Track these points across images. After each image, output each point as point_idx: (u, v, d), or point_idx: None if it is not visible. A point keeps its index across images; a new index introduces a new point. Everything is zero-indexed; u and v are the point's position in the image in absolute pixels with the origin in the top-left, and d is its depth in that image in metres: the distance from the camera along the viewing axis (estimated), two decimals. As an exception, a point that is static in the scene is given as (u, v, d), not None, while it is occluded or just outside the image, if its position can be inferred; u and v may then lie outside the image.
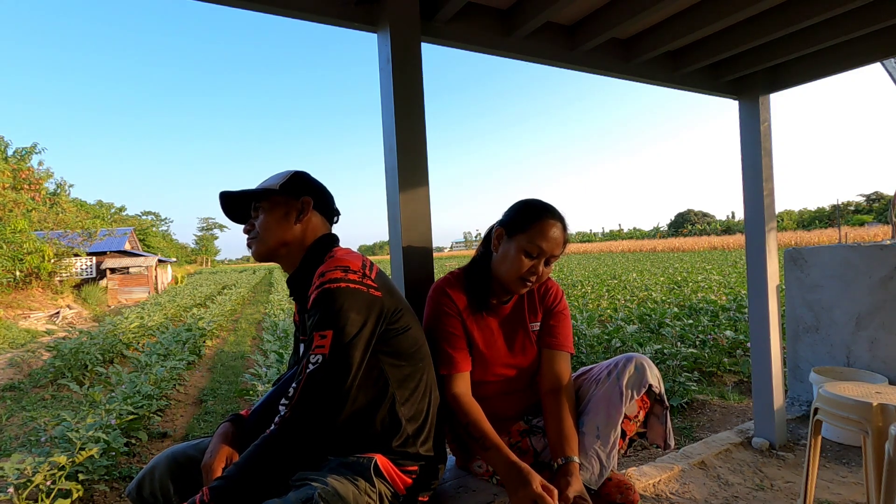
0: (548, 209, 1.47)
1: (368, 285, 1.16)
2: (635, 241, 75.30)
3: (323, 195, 1.34)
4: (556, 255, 1.45)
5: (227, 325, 10.86)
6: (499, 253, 1.48)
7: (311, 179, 1.33)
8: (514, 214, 1.49)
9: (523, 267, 1.42)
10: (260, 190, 1.28)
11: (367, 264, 1.21)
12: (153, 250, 45.10)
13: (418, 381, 1.24)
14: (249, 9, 1.63)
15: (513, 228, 1.46)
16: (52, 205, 20.53)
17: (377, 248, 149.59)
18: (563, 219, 1.48)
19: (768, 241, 2.64)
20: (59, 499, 2.40)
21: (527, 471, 1.21)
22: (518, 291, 1.47)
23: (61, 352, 6.78)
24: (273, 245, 1.28)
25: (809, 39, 2.21)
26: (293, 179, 1.29)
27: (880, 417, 1.61)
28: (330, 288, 1.11)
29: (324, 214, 1.34)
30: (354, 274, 1.15)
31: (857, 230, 36.96)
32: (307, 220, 1.28)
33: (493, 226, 1.55)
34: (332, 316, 1.09)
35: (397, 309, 1.20)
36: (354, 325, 1.11)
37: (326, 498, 1.02)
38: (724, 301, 8.61)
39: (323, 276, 1.13)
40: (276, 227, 1.27)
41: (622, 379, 1.43)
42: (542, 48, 2.09)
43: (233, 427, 1.30)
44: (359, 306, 1.12)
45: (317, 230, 1.31)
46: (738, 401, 3.75)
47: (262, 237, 1.28)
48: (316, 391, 1.08)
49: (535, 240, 1.42)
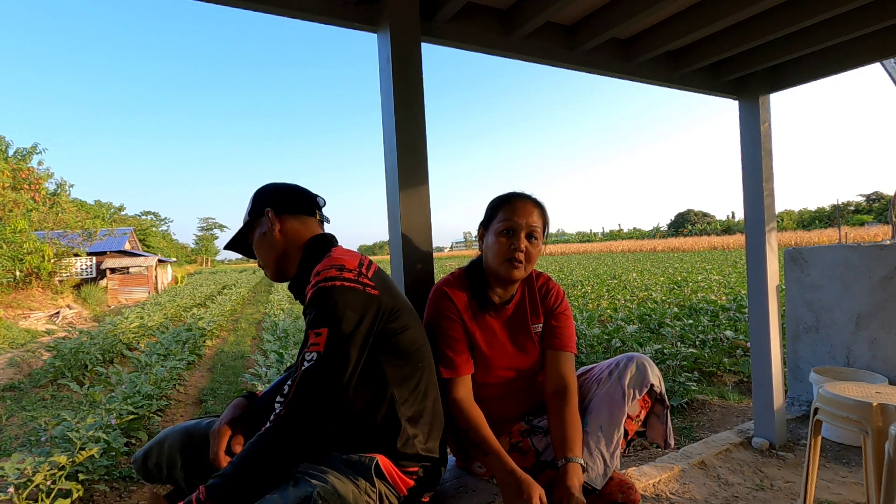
0: (513, 192, 1.53)
1: (365, 283, 1.16)
2: (635, 241, 75.21)
3: (282, 197, 1.35)
4: (534, 226, 1.47)
5: (227, 325, 10.86)
6: (485, 249, 1.52)
7: (266, 189, 1.37)
8: (486, 211, 1.56)
9: (504, 247, 1.45)
10: (241, 228, 1.37)
11: (365, 263, 1.21)
12: (153, 250, 45.09)
13: (418, 380, 1.23)
14: (249, 9, 1.63)
15: (487, 220, 1.53)
16: (52, 205, 20.51)
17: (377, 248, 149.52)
18: (532, 196, 1.52)
19: (768, 241, 2.64)
20: (59, 499, 2.39)
21: (527, 483, 1.21)
22: (511, 276, 1.46)
23: (61, 352, 6.78)
24: (272, 264, 1.34)
25: (809, 39, 2.21)
26: (254, 201, 1.35)
27: (880, 417, 1.61)
28: (325, 286, 1.12)
29: (298, 212, 1.34)
30: (350, 272, 1.15)
31: (857, 230, 36.94)
32: (281, 227, 1.31)
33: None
34: (327, 314, 1.10)
35: (395, 308, 1.20)
36: (350, 322, 1.11)
37: (325, 497, 1.02)
38: (724, 301, 8.61)
39: (318, 274, 1.14)
40: (263, 249, 1.34)
41: (624, 378, 1.43)
42: (542, 48, 2.09)
43: (246, 402, 1.35)
44: (354, 304, 1.12)
45: (299, 231, 1.32)
46: (738, 401, 3.75)
47: (261, 263, 1.36)
48: (311, 389, 1.08)
49: (505, 218, 1.46)
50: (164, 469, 1.29)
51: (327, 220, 1.43)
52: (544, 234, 1.53)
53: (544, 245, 1.54)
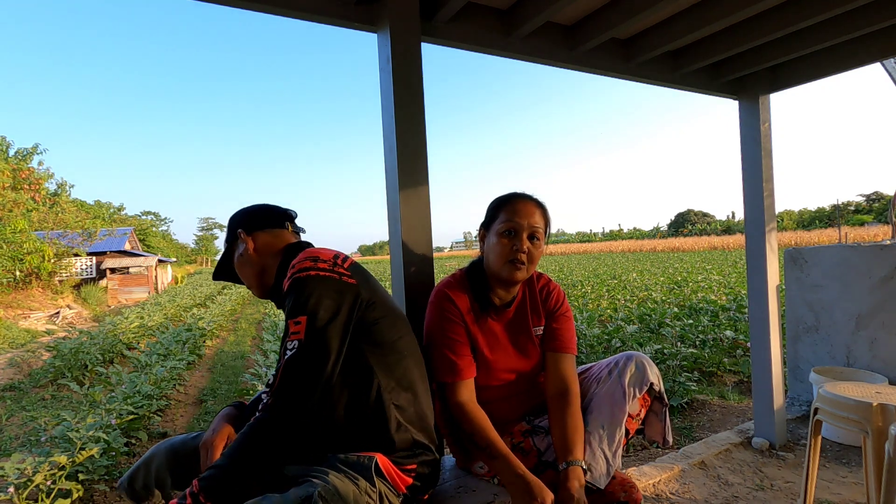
0: (513, 192, 1.52)
1: (340, 273, 1.17)
2: (635, 241, 75.27)
3: (249, 216, 1.39)
4: (536, 226, 1.46)
5: (227, 325, 10.86)
6: (486, 251, 1.52)
7: (236, 214, 1.42)
8: (487, 212, 1.55)
9: (506, 248, 1.44)
10: (222, 258, 1.43)
11: (341, 256, 1.23)
12: (153, 250, 45.10)
13: (404, 369, 1.24)
14: (249, 9, 1.63)
15: (488, 222, 1.52)
16: (52, 205, 20.54)
17: (377, 248, 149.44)
18: (534, 196, 1.51)
19: (768, 241, 2.64)
20: (59, 499, 2.40)
21: (538, 487, 1.22)
22: (514, 278, 1.45)
23: (61, 352, 6.78)
24: (254, 281, 1.37)
25: (809, 39, 2.21)
26: (228, 227, 1.41)
27: (880, 417, 1.61)
28: (300, 276, 1.14)
29: (268, 227, 1.37)
30: (325, 262, 1.17)
31: (857, 230, 36.95)
32: (254, 244, 1.35)
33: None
34: (304, 302, 1.11)
35: (372, 300, 1.21)
36: (328, 310, 1.12)
37: (327, 497, 1.02)
38: (724, 301, 8.61)
39: (293, 266, 1.17)
40: (244, 269, 1.37)
41: (624, 377, 1.43)
42: (542, 48, 2.09)
43: (235, 411, 1.36)
44: (330, 293, 1.13)
45: (272, 244, 1.35)
46: (738, 401, 3.75)
47: (247, 283, 1.40)
48: (294, 376, 1.09)
49: (507, 219, 1.45)
50: (153, 488, 1.30)
51: (302, 230, 1.45)
52: (546, 235, 1.52)
53: (545, 245, 1.54)
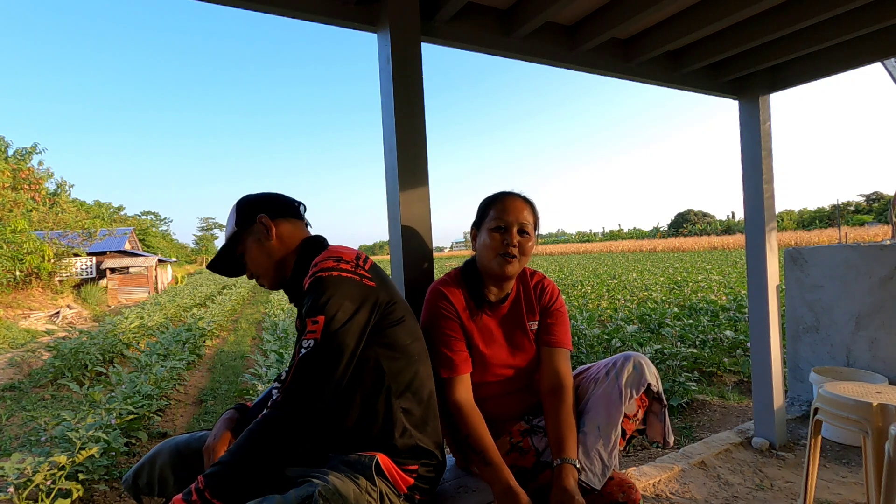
0: (503, 191, 1.56)
1: (362, 275, 1.18)
2: (635, 241, 75.28)
3: (271, 202, 1.36)
4: (525, 222, 1.49)
5: (227, 325, 10.86)
6: (478, 248, 1.54)
7: (253, 198, 1.36)
8: (477, 211, 1.58)
9: (497, 243, 1.47)
10: (228, 241, 1.36)
11: (362, 256, 1.23)
12: (153, 250, 45.09)
13: (414, 374, 1.24)
14: (249, 9, 1.63)
15: (479, 220, 1.55)
16: (52, 205, 20.53)
17: (377, 248, 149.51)
18: (522, 194, 1.55)
19: (768, 241, 2.64)
20: (59, 498, 2.40)
21: (525, 502, 1.24)
22: (506, 272, 1.47)
23: (61, 352, 6.78)
24: (269, 271, 1.33)
25: (809, 39, 2.21)
26: (241, 211, 1.34)
27: (880, 417, 1.61)
28: (322, 276, 1.14)
29: (287, 216, 1.35)
30: (347, 264, 1.17)
31: (857, 230, 36.95)
32: (276, 231, 1.32)
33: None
34: (324, 302, 1.11)
35: (391, 301, 1.22)
36: (346, 311, 1.12)
37: (327, 496, 1.01)
38: (724, 301, 8.61)
39: (316, 265, 1.16)
40: (260, 255, 1.32)
41: (621, 378, 1.43)
42: (542, 48, 2.09)
43: (237, 414, 1.35)
44: (351, 294, 1.14)
45: (293, 234, 1.34)
46: (738, 401, 3.75)
47: (258, 272, 1.34)
48: (308, 374, 1.09)
49: (496, 216, 1.49)
50: (156, 487, 1.30)
51: (310, 224, 1.45)
52: (535, 231, 1.55)
53: (538, 242, 1.55)
